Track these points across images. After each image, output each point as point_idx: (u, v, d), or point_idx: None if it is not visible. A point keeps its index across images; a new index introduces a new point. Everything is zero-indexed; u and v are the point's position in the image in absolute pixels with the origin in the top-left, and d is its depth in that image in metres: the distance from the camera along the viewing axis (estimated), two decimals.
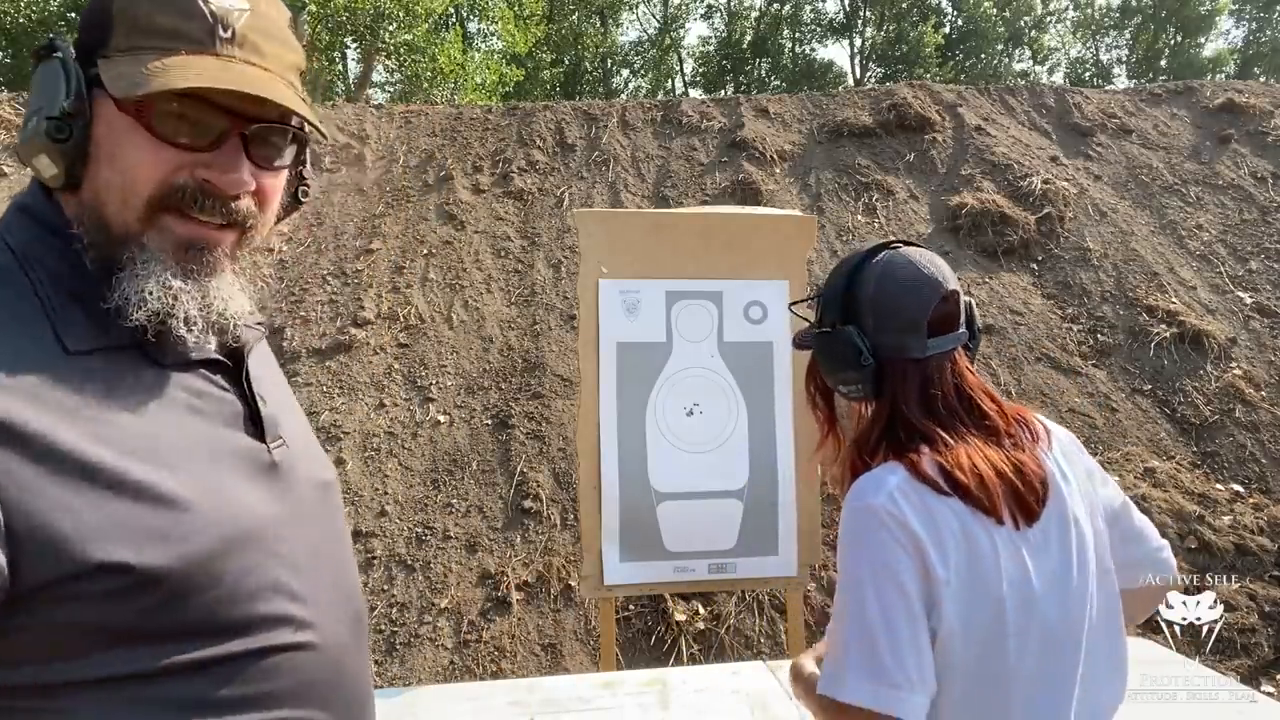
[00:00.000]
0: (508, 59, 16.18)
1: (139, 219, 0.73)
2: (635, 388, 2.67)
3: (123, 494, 0.67)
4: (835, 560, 3.76)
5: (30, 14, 13.28)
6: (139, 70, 0.70)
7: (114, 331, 0.72)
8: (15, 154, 0.76)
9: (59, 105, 0.71)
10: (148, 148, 0.72)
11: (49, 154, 0.71)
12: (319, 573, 0.81)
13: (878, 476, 1.05)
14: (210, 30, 0.73)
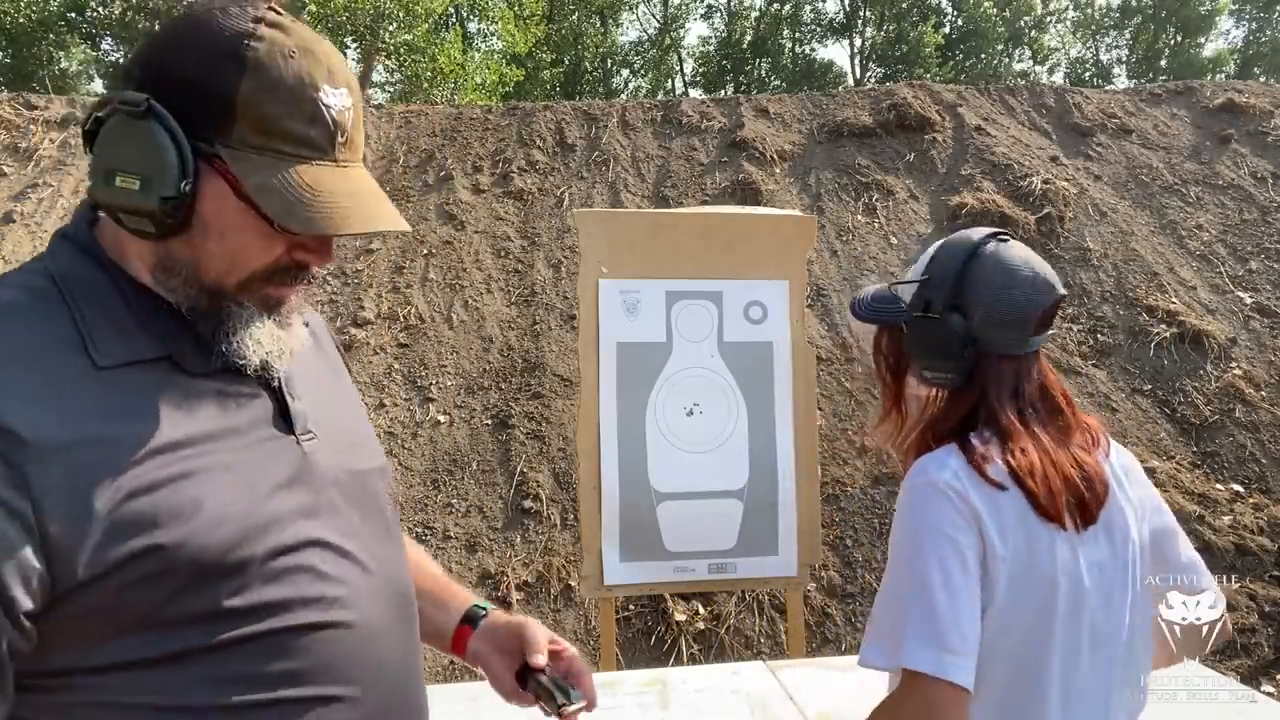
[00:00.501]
0: (508, 59, 16.17)
1: (238, 285, 0.80)
2: (635, 388, 2.67)
3: (153, 491, 0.72)
4: (834, 560, 3.74)
5: (30, 14, 13.28)
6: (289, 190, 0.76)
7: (144, 346, 0.77)
8: (91, 196, 0.79)
9: (175, 186, 0.74)
10: (261, 235, 0.78)
11: (152, 220, 0.75)
12: (354, 556, 0.84)
13: (939, 457, 1.07)
14: (331, 138, 0.78)
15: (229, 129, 0.75)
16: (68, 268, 0.79)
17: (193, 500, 0.73)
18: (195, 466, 0.75)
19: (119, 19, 14.29)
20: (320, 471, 0.84)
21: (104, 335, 0.76)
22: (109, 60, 16.39)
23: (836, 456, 4.24)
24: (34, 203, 5.26)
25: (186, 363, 0.79)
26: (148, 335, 0.78)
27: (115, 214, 0.77)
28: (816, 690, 2.11)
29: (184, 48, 0.76)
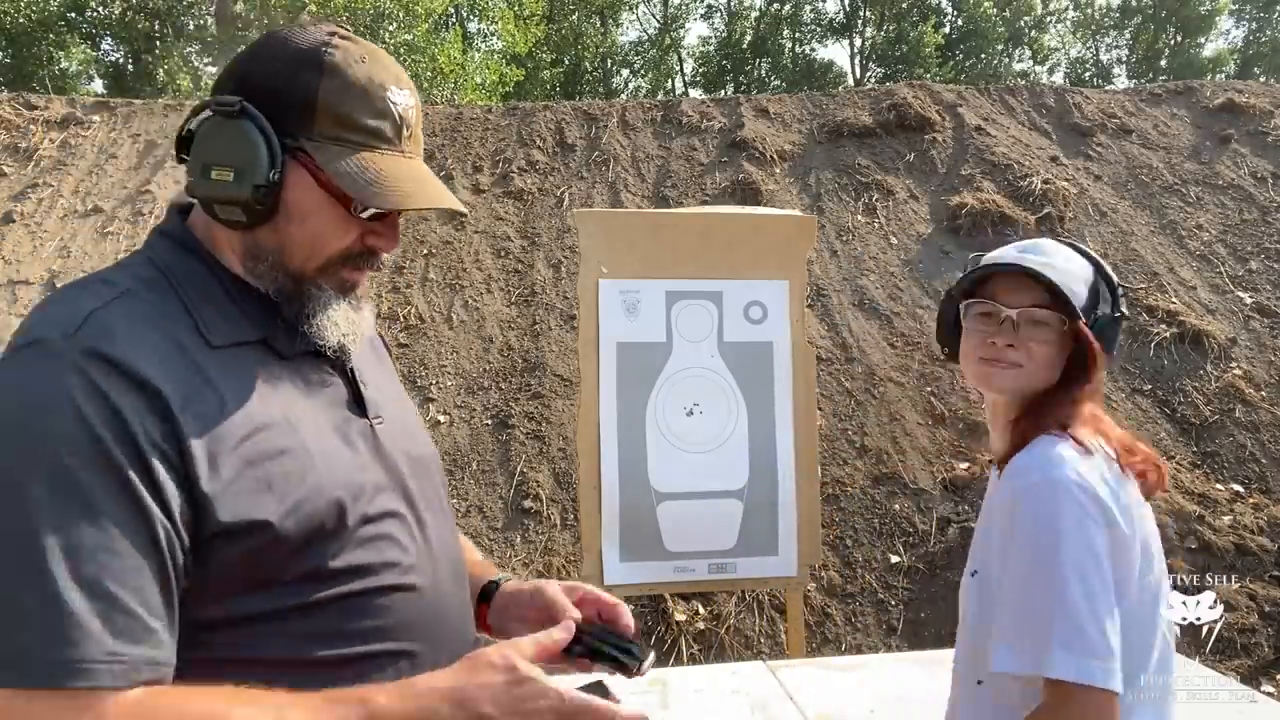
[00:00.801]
0: (508, 59, 16.17)
1: (317, 269, 0.89)
2: (635, 388, 2.67)
3: (266, 461, 0.81)
4: (834, 560, 3.74)
5: (30, 14, 13.28)
6: (368, 174, 0.86)
7: (244, 329, 0.87)
8: (189, 191, 0.88)
9: (265, 175, 0.83)
10: (339, 220, 0.88)
11: (244, 208, 0.84)
12: (418, 527, 0.94)
13: (1051, 452, 1.08)
14: (398, 130, 0.89)
15: (310, 125, 0.85)
16: (170, 260, 0.88)
17: (299, 471, 0.83)
18: (297, 442, 0.84)
19: (119, 19, 14.28)
20: (387, 451, 0.94)
21: (211, 318, 0.85)
22: (109, 60, 16.41)
23: (836, 456, 4.24)
24: (34, 203, 5.26)
25: (279, 345, 0.89)
26: (246, 320, 0.88)
27: (210, 205, 0.86)
28: (816, 690, 2.11)
29: (269, 59, 0.87)
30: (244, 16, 12.62)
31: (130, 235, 5.14)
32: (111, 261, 5.16)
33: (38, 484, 0.71)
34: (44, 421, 0.73)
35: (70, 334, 0.76)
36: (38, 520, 0.70)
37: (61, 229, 5.13)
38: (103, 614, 0.71)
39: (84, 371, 0.74)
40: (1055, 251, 1.20)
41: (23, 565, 0.70)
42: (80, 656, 0.69)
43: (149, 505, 0.74)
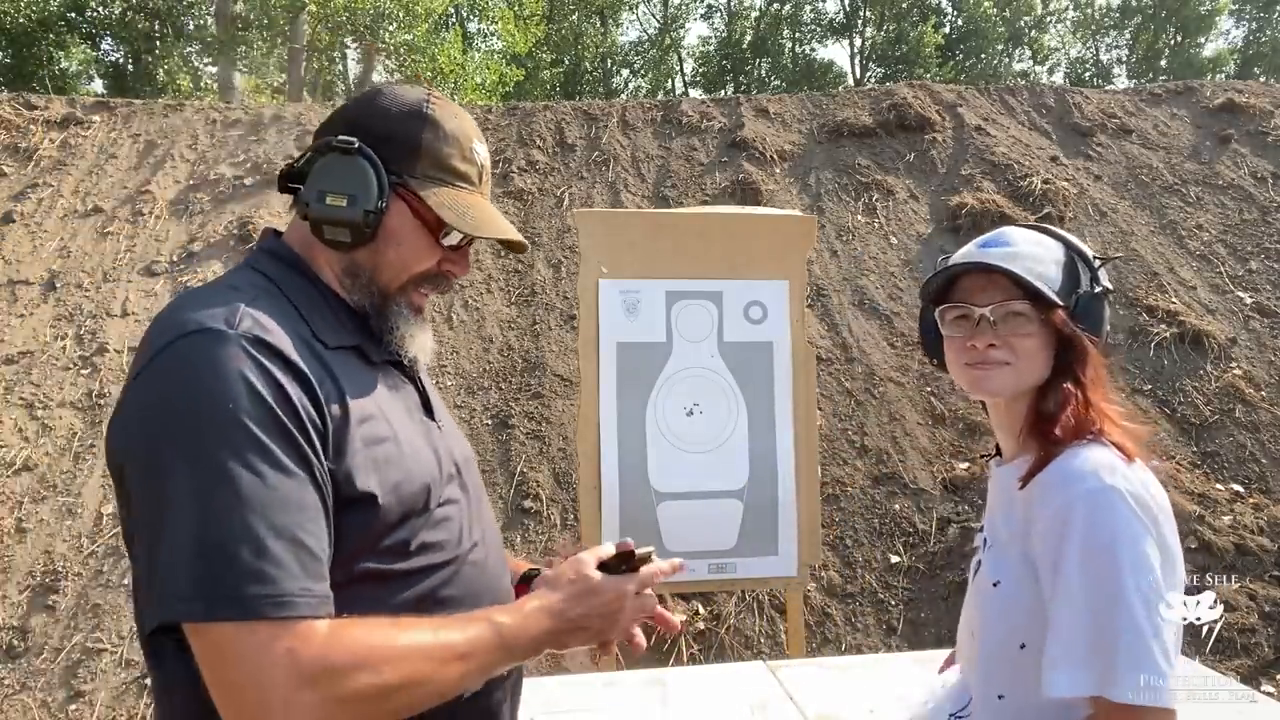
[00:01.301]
0: (508, 59, 16.16)
1: (399, 285, 1.05)
2: (635, 388, 2.67)
3: (374, 445, 0.94)
4: (834, 560, 3.73)
5: (30, 14, 13.27)
6: (458, 207, 1.04)
7: (344, 336, 1.01)
8: (301, 213, 1.02)
9: (374, 202, 1.00)
10: (427, 246, 1.05)
11: (351, 229, 1.00)
12: (478, 520, 1.10)
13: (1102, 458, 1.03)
14: (479, 176, 1.09)
15: (413, 164, 1.03)
16: (277, 273, 1.02)
17: (397, 457, 0.97)
18: (392, 433, 0.98)
19: (119, 19, 14.27)
20: (448, 449, 1.09)
21: (320, 323, 0.99)
22: (109, 60, 16.39)
23: (836, 456, 4.23)
24: (34, 203, 5.26)
25: (369, 352, 1.03)
26: (343, 328, 1.02)
27: (320, 227, 1.00)
28: (816, 690, 2.11)
29: (379, 109, 1.05)
30: (244, 16, 12.61)
31: (130, 235, 5.14)
32: (111, 262, 5.13)
33: (231, 445, 0.83)
34: (227, 393, 0.84)
35: (235, 325, 0.88)
36: (234, 475, 0.82)
37: (61, 229, 5.13)
38: (296, 556, 0.83)
39: (252, 355, 0.87)
40: (1019, 238, 1.16)
41: (226, 515, 0.81)
42: (285, 592, 0.81)
43: (315, 466, 0.87)
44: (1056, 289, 1.11)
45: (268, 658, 0.80)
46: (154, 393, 0.87)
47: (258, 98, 14.00)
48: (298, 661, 0.81)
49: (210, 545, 0.80)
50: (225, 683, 0.81)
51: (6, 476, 3.85)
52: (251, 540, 0.81)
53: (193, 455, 0.83)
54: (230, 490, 0.82)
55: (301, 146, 5.81)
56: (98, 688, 3.17)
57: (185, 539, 0.80)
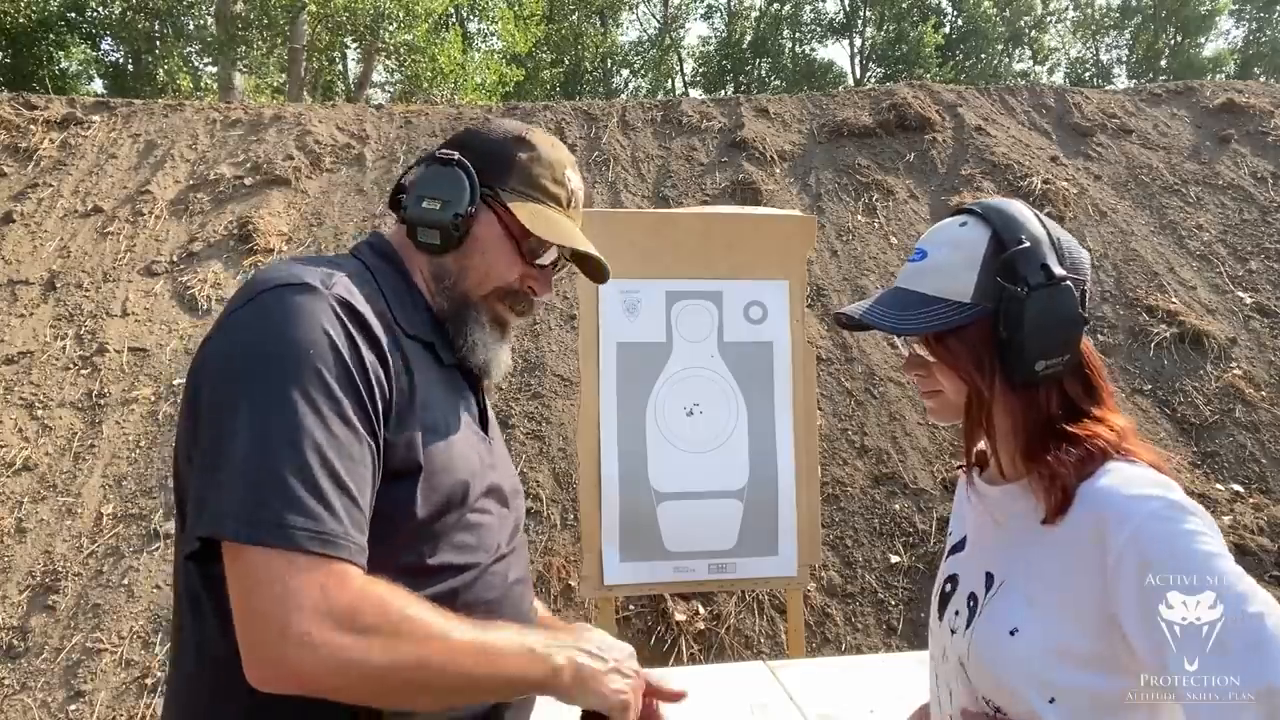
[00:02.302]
0: (508, 59, 16.16)
1: (482, 297, 1.11)
2: (635, 388, 2.67)
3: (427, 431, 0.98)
4: (834, 560, 3.71)
5: (30, 14, 13.27)
6: (541, 218, 1.09)
7: (422, 330, 1.06)
8: (401, 217, 1.10)
9: (464, 206, 1.07)
10: (511, 257, 1.11)
11: (441, 231, 1.07)
12: (509, 535, 1.11)
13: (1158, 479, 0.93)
14: (569, 200, 1.15)
15: (506, 179, 1.11)
16: (374, 262, 1.09)
17: (445, 448, 1.00)
18: (446, 426, 1.02)
19: (119, 19, 14.27)
20: (495, 466, 1.12)
21: (403, 312, 1.05)
22: (109, 60, 16.40)
23: (836, 456, 4.23)
24: (34, 203, 5.26)
25: (440, 353, 1.08)
26: (423, 323, 1.07)
27: (415, 228, 1.08)
28: (816, 690, 2.11)
29: (483, 132, 1.15)
30: (244, 16, 12.61)
31: (130, 235, 5.14)
32: (111, 262, 5.13)
33: (303, 386, 0.87)
34: (309, 340, 0.90)
35: (329, 286, 0.95)
36: (301, 414, 0.86)
37: (61, 229, 5.13)
38: (343, 501, 0.86)
39: (338, 313, 0.93)
40: (939, 242, 1.03)
41: (287, 448, 0.84)
42: (329, 530, 0.84)
43: (376, 431, 0.92)
44: (970, 298, 0.97)
45: (299, 588, 0.81)
46: (246, 329, 0.92)
47: (258, 98, 14.00)
48: (329, 599, 0.82)
49: (265, 471, 0.83)
50: (251, 607, 0.82)
51: (6, 476, 3.85)
52: (305, 475, 0.84)
53: (265, 388, 0.87)
54: (294, 425, 0.85)
55: (302, 146, 5.81)
56: (98, 688, 3.17)
57: (243, 463, 0.84)
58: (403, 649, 0.85)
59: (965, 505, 1.16)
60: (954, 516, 1.22)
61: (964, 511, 1.17)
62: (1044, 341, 0.94)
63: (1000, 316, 0.96)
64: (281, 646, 0.81)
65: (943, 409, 1.06)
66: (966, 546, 1.13)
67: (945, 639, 1.07)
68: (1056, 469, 0.95)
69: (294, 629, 0.80)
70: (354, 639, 0.82)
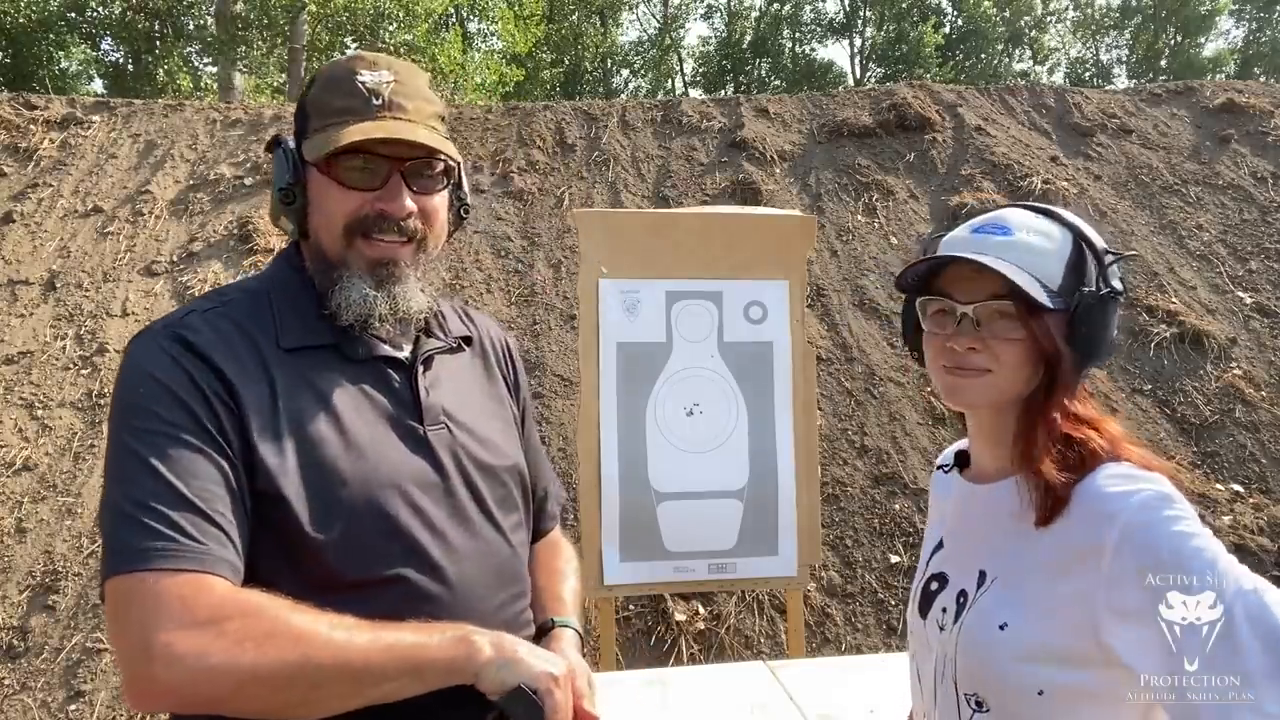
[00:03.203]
0: (508, 59, 16.16)
1: (340, 246, 1.02)
2: (635, 388, 2.67)
3: (305, 447, 0.94)
4: (834, 560, 3.72)
5: (30, 14, 13.27)
6: (322, 140, 1.00)
7: (320, 335, 1.01)
8: (271, 219, 1.09)
9: (286, 180, 1.03)
10: (338, 194, 1.02)
11: (285, 215, 1.05)
12: (457, 532, 1.01)
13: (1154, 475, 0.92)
14: (367, 101, 1.01)
15: (306, 126, 1.04)
16: (279, 276, 1.07)
17: (332, 460, 0.94)
18: (339, 434, 0.96)
19: (119, 19, 14.26)
20: (440, 459, 1.03)
21: (290, 326, 1.00)
22: (109, 60, 16.39)
23: (836, 456, 4.23)
24: (34, 203, 5.26)
25: (348, 350, 1.02)
26: (325, 327, 1.02)
27: (281, 226, 1.07)
28: (816, 690, 2.11)
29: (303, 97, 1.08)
30: (244, 16, 12.61)
31: (130, 235, 5.14)
32: (111, 262, 5.14)
33: (134, 426, 0.89)
34: (136, 382, 0.91)
35: (166, 324, 0.96)
36: (135, 451, 0.87)
37: (61, 229, 5.13)
38: (191, 519, 0.85)
39: (165, 350, 0.93)
40: (1020, 223, 1.01)
41: (126, 484, 0.86)
42: (181, 546, 0.83)
43: (223, 444, 0.90)
44: (1057, 288, 0.96)
45: (157, 604, 0.81)
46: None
47: (258, 98, 14.01)
48: (189, 609, 0.81)
49: (113, 513, 0.86)
50: (118, 635, 0.83)
51: (6, 476, 3.85)
52: (145, 503, 0.85)
53: (112, 440, 0.91)
54: (131, 464, 0.87)
55: None
56: (98, 688, 3.17)
57: (105, 514, 0.87)
58: (278, 648, 0.82)
59: (944, 504, 1.16)
60: (931, 517, 1.21)
61: (943, 511, 1.16)
62: (1104, 345, 0.98)
63: (1079, 315, 0.96)
64: (148, 664, 0.79)
65: (981, 389, 0.99)
66: (948, 545, 1.12)
67: (930, 636, 1.07)
68: (1054, 471, 0.95)
69: (157, 643, 0.79)
70: (220, 644, 0.80)
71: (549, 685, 0.91)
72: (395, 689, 0.87)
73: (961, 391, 1.00)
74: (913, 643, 1.14)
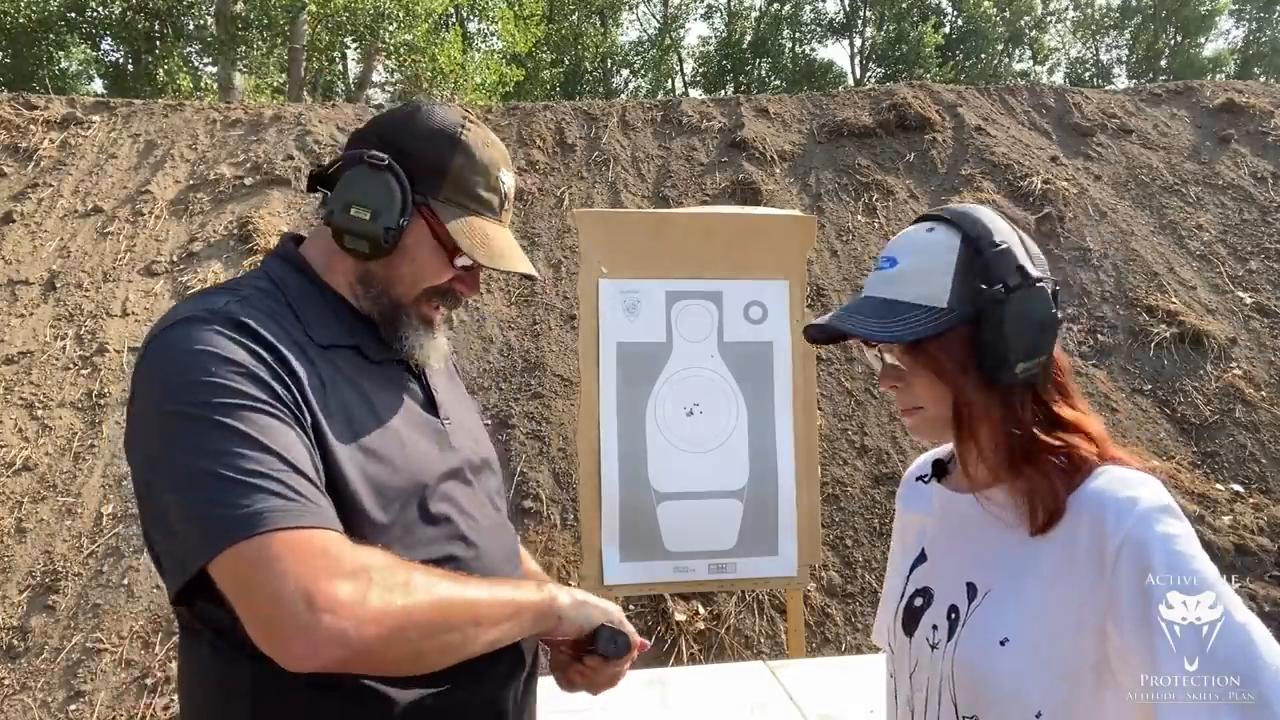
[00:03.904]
0: (508, 59, 16.15)
1: (411, 297, 1.09)
2: (635, 388, 2.67)
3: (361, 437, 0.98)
4: (834, 560, 3.71)
5: (30, 14, 13.26)
6: (465, 229, 1.06)
7: (343, 336, 1.05)
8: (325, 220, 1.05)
9: (395, 219, 1.03)
10: (438, 263, 1.08)
11: (370, 242, 1.03)
12: (478, 515, 1.10)
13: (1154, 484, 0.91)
14: (500, 205, 1.11)
15: (438, 188, 1.06)
16: (283, 275, 1.06)
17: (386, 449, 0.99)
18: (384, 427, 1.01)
19: (119, 19, 14.26)
20: (455, 449, 1.11)
21: (315, 324, 1.03)
22: (109, 60, 16.39)
23: (836, 456, 4.24)
24: (34, 203, 5.26)
25: (368, 352, 1.07)
26: (342, 329, 1.05)
27: (342, 235, 1.04)
28: (816, 690, 2.11)
29: (414, 128, 1.07)
30: (244, 16, 12.61)
31: (130, 235, 5.14)
32: (111, 262, 5.13)
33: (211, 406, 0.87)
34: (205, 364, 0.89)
35: (215, 311, 0.94)
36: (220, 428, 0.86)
37: (61, 229, 5.13)
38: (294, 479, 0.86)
39: (226, 333, 0.92)
40: (907, 248, 1.00)
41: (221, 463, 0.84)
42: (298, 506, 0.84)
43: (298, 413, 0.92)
44: (948, 302, 0.95)
45: (298, 556, 0.81)
46: (145, 382, 0.92)
47: (258, 98, 14.00)
48: (334, 559, 0.83)
49: (222, 483, 0.83)
50: (263, 596, 0.81)
51: (6, 476, 3.85)
52: (253, 468, 0.84)
53: (179, 419, 0.87)
54: (219, 435, 0.85)
55: (302, 146, 5.81)
56: (98, 688, 3.17)
57: (191, 495, 0.84)
58: (420, 595, 0.87)
59: (923, 516, 1.13)
60: (906, 529, 1.18)
61: (921, 523, 1.13)
62: (1025, 343, 0.93)
63: (980, 320, 0.94)
64: (312, 613, 0.80)
65: (923, 424, 1.02)
66: (932, 558, 1.09)
67: (919, 655, 1.04)
68: (1044, 482, 0.93)
69: (319, 593, 0.80)
70: (374, 590, 0.83)
71: (623, 619, 1.07)
72: (503, 634, 0.95)
73: (914, 430, 1.04)
74: (893, 663, 1.11)
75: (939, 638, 1.00)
